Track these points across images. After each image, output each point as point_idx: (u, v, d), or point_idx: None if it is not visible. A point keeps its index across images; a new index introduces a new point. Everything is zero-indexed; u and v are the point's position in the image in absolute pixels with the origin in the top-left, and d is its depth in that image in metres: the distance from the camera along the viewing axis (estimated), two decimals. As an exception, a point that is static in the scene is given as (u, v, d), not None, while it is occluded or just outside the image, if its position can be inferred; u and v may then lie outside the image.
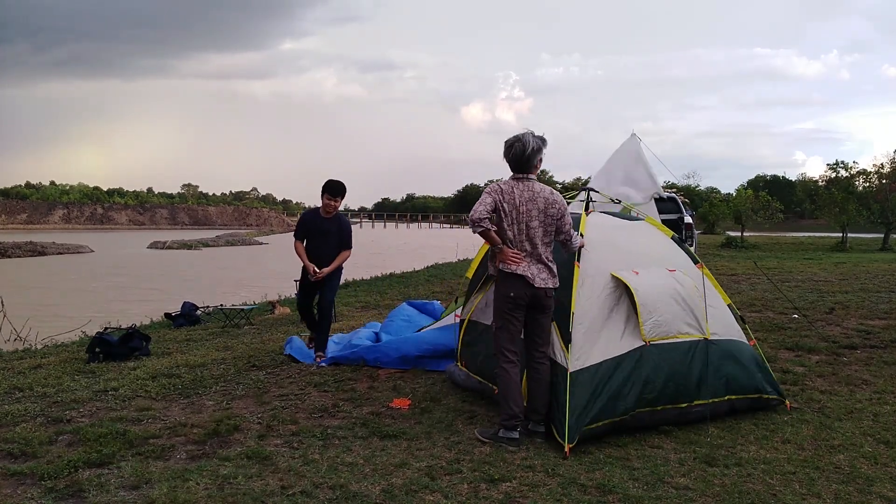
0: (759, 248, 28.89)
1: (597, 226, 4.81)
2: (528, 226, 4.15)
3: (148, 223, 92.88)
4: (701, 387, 4.37)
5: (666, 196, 12.86)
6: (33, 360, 6.90)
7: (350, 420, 4.56)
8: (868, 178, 32.12)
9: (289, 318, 9.80)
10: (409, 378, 5.66)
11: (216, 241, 48.50)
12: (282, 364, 6.24)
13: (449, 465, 3.75)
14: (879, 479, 3.59)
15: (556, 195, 4.25)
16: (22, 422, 4.52)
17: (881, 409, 4.77)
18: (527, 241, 4.16)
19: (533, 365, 4.25)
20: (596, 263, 4.49)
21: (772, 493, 3.41)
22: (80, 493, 3.39)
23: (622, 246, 4.81)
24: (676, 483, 3.52)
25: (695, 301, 4.59)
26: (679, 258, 4.95)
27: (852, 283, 12.89)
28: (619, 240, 4.88)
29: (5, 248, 34.33)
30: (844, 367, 6.04)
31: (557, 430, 4.07)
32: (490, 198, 4.16)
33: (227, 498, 3.31)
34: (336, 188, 6.28)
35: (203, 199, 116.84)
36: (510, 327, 4.22)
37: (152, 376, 5.76)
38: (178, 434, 4.27)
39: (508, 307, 4.19)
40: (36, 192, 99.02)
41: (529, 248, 4.17)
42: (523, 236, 4.16)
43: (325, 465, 3.74)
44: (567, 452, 3.87)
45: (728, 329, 4.79)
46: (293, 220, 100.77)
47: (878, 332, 7.58)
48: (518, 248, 4.18)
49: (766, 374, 4.78)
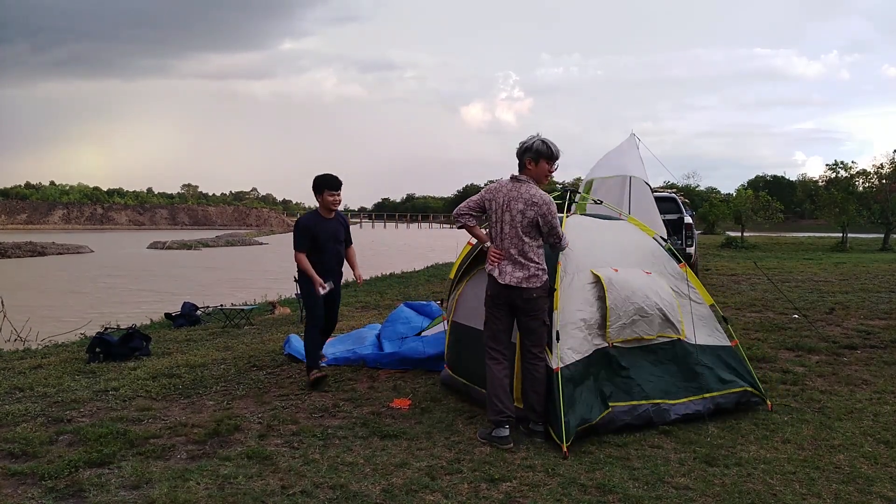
0: (759, 249, 28.88)
1: (576, 226, 4.82)
2: (505, 224, 4.22)
3: (148, 223, 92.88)
4: (672, 386, 4.45)
5: (665, 195, 12.87)
6: (34, 360, 6.90)
7: (350, 420, 4.56)
8: (868, 178, 32.10)
9: (289, 318, 9.80)
10: (409, 378, 5.66)
11: (216, 241, 48.50)
12: (282, 364, 6.24)
13: (449, 464, 3.75)
14: (879, 479, 3.59)
15: (539, 197, 4.22)
16: (22, 422, 4.52)
17: (881, 409, 4.77)
18: (506, 240, 4.22)
19: (526, 365, 4.28)
20: (575, 262, 4.49)
21: (772, 493, 3.41)
22: (81, 492, 3.39)
23: (601, 245, 4.81)
24: (676, 483, 3.52)
25: (671, 302, 4.61)
26: (660, 258, 4.95)
27: (852, 283, 12.89)
28: (598, 240, 4.87)
29: (5, 249, 34.34)
30: (844, 367, 6.04)
31: (554, 429, 4.08)
32: (479, 196, 4.38)
33: (228, 498, 3.31)
34: (336, 181, 5.67)
35: (203, 200, 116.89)
36: (492, 325, 4.31)
37: (153, 376, 5.76)
38: (179, 434, 4.27)
39: (488, 304, 4.32)
40: (36, 192, 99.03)
41: (508, 246, 4.23)
42: (503, 234, 4.24)
43: (325, 464, 3.75)
44: (566, 452, 3.88)
45: (708, 329, 4.82)
46: (293, 221, 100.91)
47: (879, 332, 7.58)
48: (498, 246, 4.25)
49: (748, 374, 4.79)
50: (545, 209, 4.19)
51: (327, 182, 5.64)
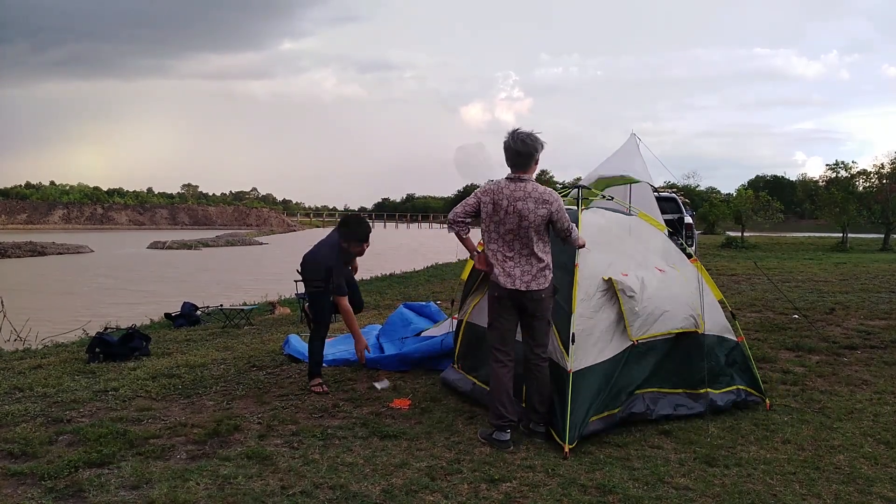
0: (760, 249, 28.88)
1: (590, 225, 4.79)
2: (511, 225, 4.11)
3: (148, 223, 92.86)
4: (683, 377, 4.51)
5: (665, 195, 12.88)
6: (33, 360, 6.90)
7: (350, 420, 4.56)
8: (868, 178, 32.11)
9: (288, 318, 9.81)
10: (409, 378, 5.66)
11: (216, 241, 48.47)
12: (282, 364, 6.24)
13: (449, 465, 3.75)
14: (879, 480, 3.59)
15: (549, 193, 4.17)
16: (22, 422, 4.52)
17: (881, 410, 4.77)
18: (514, 241, 4.14)
19: (529, 366, 4.25)
20: (591, 266, 4.50)
21: (772, 494, 3.41)
22: (80, 493, 3.39)
23: (615, 245, 4.82)
24: (676, 483, 3.52)
25: (686, 297, 4.65)
26: (672, 254, 5.00)
27: (852, 283, 12.89)
28: (612, 239, 4.88)
29: (5, 248, 34.32)
30: (845, 367, 6.04)
31: (557, 431, 4.08)
32: (474, 199, 4.21)
33: (227, 498, 3.31)
34: (367, 230, 5.37)
35: (203, 199, 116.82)
36: (497, 326, 4.25)
37: (152, 376, 5.76)
38: (179, 434, 4.27)
39: (494, 307, 4.25)
40: (36, 192, 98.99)
41: (510, 247, 4.16)
42: (507, 235, 4.14)
43: (325, 465, 3.74)
44: (567, 453, 3.88)
45: (717, 324, 4.85)
46: (293, 221, 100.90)
47: (879, 332, 7.58)
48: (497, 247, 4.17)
49: (750, 372, 4.83)
50: (556, 205, 4.15)
51: (364, 232, 5.33)
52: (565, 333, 4.24)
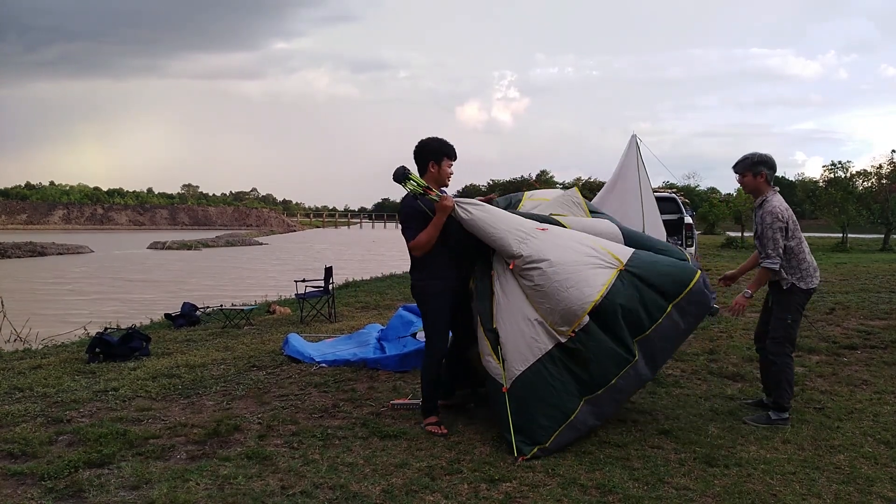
0: (759, 249, 28.82)
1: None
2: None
3: (148, 223, 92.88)
4: (641, 317, 4.10)
5: (665, 196, 12.87)
6: (33, 360, 6.90)
7: (350, 420, 4.56)
8: (868, 178, 32.08)
9: (288, 318, 9.81)
10: (409, 378, 5.66)
11: (216, 241, 48.46)
12: (282, 364, 6.24)
13: (449, 465, 3.75)
14: (879, 480, 3.59)
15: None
16: (22, 422, 4.52)
17: (881, 410, 4.77)
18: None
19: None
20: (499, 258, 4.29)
21: (772, 494, 3.41)
22: (80, 493, 3.39)
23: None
24: (676, 483, 3.52)
25: (587, 241, 4.31)
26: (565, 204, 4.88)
27: (852, 283, 12.88)
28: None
29: (5, 249, 34.32)
30: (845, 367, 6.04)
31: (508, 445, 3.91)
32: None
33: (227, 498, 3.31)
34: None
35: (203, 200, 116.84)
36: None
37: (152, 376, 5.76)
38: (178, 434, 4.27)
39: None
40: (36, 192, 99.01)
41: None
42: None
43: (325, 465, 3.74)
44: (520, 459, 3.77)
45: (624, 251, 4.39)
46: (293, 221, 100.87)
47: (879, 332, 7.58)
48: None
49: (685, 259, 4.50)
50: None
51: (448, 147, 4.43)
52: (495, 341, 4.08)
